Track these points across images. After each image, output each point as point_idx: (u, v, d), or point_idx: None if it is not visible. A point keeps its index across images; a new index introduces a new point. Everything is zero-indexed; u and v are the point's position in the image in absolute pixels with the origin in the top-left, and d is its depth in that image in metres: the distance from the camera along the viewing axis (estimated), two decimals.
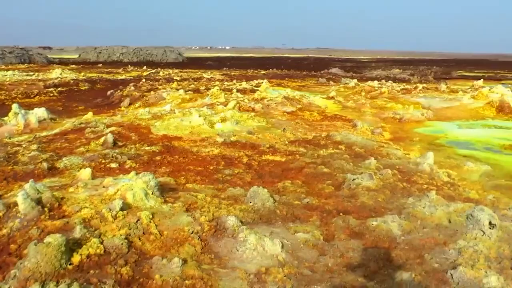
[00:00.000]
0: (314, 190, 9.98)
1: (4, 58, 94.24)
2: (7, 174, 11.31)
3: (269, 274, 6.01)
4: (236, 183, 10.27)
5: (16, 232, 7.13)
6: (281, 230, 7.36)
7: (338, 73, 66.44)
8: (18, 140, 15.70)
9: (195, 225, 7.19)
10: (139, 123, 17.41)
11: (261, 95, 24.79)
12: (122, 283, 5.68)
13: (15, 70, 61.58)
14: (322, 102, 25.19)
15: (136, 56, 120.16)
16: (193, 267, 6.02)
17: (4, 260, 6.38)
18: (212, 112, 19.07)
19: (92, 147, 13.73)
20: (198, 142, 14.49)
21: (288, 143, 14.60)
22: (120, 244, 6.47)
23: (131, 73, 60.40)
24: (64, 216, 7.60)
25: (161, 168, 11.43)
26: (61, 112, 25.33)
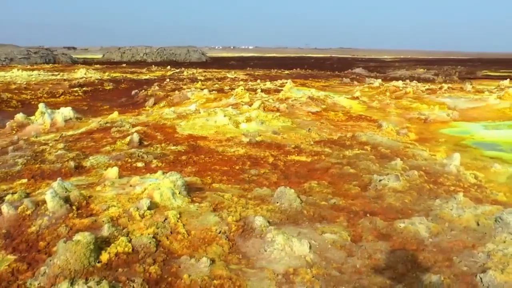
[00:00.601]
0: (341, 190, 9.92)
1: (29, 58, 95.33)
2: (35, 172, 11.43)
3: (297, 275, 5.99)
4: (262, 183, 10.25)
5: (44, 230, 7.20)
6: (309, 231, 7.33)
7: (362, 73, 66.19)
8: (44, 139, 15.86)
9: (223, 225, 7.19)
10: (164, 123, 17.49)
11: (286, 95, 24.76)
12: (151, 282, 5.69)
13: (41, 70, 62.21)
14: (347, 102, 25.06)
15: (160, 56, 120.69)
16: (221, 267, 6.02)
17: (34, 257, 6.46)
18: (237, 112, 19.09)
19: (118, 146, 13.82)
20: (224, 142, 14.51)
21: (313, 144, 14.54)
22: (148, 243, 6.50)
23: (155, 72, 60.66)
24: (92, 214, 7.66)
25: (187, 168, 11.46)
26: (86, 111, 25.56)
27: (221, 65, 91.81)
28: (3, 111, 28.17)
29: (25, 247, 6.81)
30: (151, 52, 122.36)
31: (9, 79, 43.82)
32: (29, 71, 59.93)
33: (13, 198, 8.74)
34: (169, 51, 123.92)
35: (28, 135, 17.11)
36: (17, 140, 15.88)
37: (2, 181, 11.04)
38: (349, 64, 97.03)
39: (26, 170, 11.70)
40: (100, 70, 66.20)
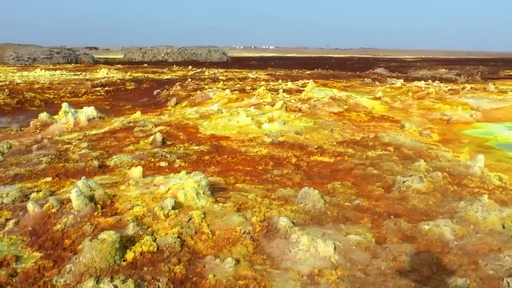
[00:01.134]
0: (364, 191, 9.87)
1: (52, 58, 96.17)
2: (59, 171, 11.52)
3: (322, 276, 5.96)
4: (286, 183, 10.23)
5: (70, 228, 7.27)
6: (333, 232, 7.30)
7: (383, 73, 65.84)
8: (68, 138, 15.99)
9: (247, 225, 7.19)
10: (187, 123, 17.54)
11: (307, 95, 24.72)
12: (176, 281, 5.71)
13: (63, 70, 62.73)
14: (369, 103, 24.96)
15: (181, 55, 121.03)
16: (246, 267, 6.02)
17: (59, 254, 6.51)
18: (259, 112, 19.09)
19: (141, 145, 13.88)
20: (246, 142, 14.52)
21: (336, 144, 14.49)
22: (173, 242, 6.52)
23: (177, 72, 60.82)
24: (117, 213, 7.71)
25: (210, 168, 11.48)
26: (109, 111, 25.73)
27: (242, 65, 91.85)
28: (26, 110, 28.45)
29: (51, 245, 6.88)
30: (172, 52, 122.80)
31: (33, 79, 44.23)
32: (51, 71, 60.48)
33: (38, 196, 8.84)
34: (190, 51, 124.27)
35: (52, 134, 17.26)
36: (41, 139, 16.01)
37: (27, 179, 11.15)
38: (370, 64, 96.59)
39: (51, 169, 11.80)
40: (121, 70, 66.56)
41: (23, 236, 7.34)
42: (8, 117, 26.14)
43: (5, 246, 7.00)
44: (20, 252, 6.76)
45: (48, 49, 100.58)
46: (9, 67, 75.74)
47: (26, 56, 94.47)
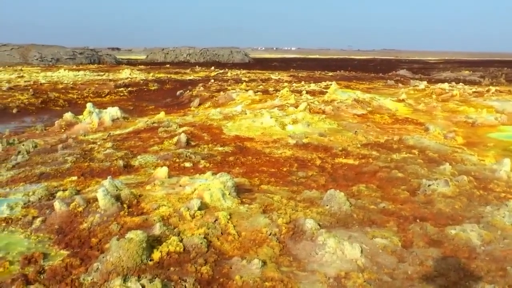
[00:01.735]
0: (389, 195, 9.80)
1: (75, 58, 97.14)
2: (84, 170, 11.61)
3: (348, 279, 5.93)
4: (311, 185, 10.20)
5: (96, 227, 7.31)
6: (359, 235, 7.26)
7: (406, 75, 65.43)
8: (92, 138, 16.11)
9: (273, 227, 7.18)
10: (211, 123, 17.58)
11: (331, 97, 24.66)
12: (202, 282, 5.71)
13: (86, 70, 63.37)
14: (392, 105, 24.80)
15: (203, 56, 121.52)
16: (273, 269, 6.01)
17: (86, 253, 6.56)
18: (283, 113, 19.08)
19: (166, 146, 13.94)
20: (270, 143, 14.51)
21: (360, 146, 14.43)
22: (199, 243, 6.52)
23: (199, 73, 61.05)
24: (143, 213, 7.75)
25: (234, 169, 11.48)
26: (132, 111, 25.91)
27: (264, 66, 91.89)
28: (50, 110, 28.77)
29: (78, 243, 6.93)
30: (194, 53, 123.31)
31: (56, 79, 44.68)
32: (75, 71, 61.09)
33: (64, 195, 8.92)
34: (212, 52, 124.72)
35: (77, 133, 17.40)
36: (66, 139, 16.16)
37: (52, 178, 11.25)
38: (393, 66, 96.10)
39: (76, 168, 11.89)
40: (144, 70, 66.97)
41: (50, 234, 7.40)
42: (32, 116, 26.48)
43: (32, 244, 7.07)
44: (47, 250, 6.82)
45: (71, 50, 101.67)
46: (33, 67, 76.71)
47: (50, 56, 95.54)
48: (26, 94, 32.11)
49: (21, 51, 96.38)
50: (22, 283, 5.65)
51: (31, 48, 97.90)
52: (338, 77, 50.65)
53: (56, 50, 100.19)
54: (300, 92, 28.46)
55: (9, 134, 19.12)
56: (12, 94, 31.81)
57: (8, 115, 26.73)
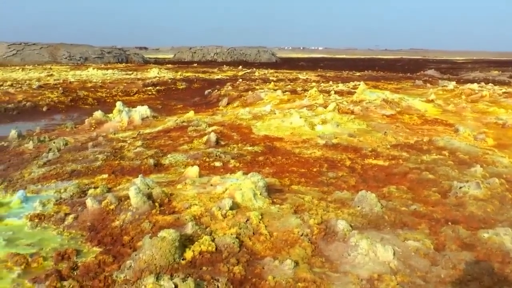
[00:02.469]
0: (420, 196, 9.71)
1: (103, 57, 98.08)
2: (115, 168, 11.72)
3: (381, 281, 5.89)
4: (341, 186, 10.16)
5: (128, 225, 7.38)
6: (391, 237, 7.20)
7: (435, 75, 64.72)
8: (122, 136, 16.24)
9: (304, 227, 7.16)
10: (240, 123, 17.61)
11: (359, 97, 24.51)
12: (235, 282, 5.71)
13: (114, 69, 63.99)
14: (421, 105, 24.54)
15: (230, 56, 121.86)
16: (305, 270, 5.99)
17: (118, 250, 6.62)
18: (312, 113, 19.03)
19: (195, 145, 14.00)
20: (300, 143, 14.47)
21: (390, 147, 14.32)
22: (231, 243, 6.53)
23: (227, 72, 61.21)
24: (174, 212, 7.79)
25: (264, 169, 11.47)
26: (161, 110, 26.03)
27: (292, 66, 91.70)
28: (80, 108, 29.05)
29: (110, 241, 6.99)
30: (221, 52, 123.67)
31: (85, 78, 45.16)
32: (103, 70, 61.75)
33: (96, 193, 9.02)
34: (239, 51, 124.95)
35: (106, 132, 17.56)
36: (96, 137, 16.30)
37: (83, 175, 11.37)
38: (421, 66, 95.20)
39: (106, 166, 12.01)
40: (172, 69, 67.36)
41: (82, 231, 7.48)
42: (62, 114, 26.76)
43: (65, 240, 7.16)
44: (80, 246, 6.90)
45: (99, 49, 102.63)
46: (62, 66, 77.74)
47: (78, 55, 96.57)
48: (56, 92, 32.45)
49: (50, 50, 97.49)
50: (56, 279, 5.71)
51: (60, 47, 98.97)
52: (365, 77, 50.36)
53: (84, 49, 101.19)
54: (328, 92, 28.36)
55: (39, 131, 19.37)
56: (42, 92, 32.17)
57: (38, 113, 27.05)
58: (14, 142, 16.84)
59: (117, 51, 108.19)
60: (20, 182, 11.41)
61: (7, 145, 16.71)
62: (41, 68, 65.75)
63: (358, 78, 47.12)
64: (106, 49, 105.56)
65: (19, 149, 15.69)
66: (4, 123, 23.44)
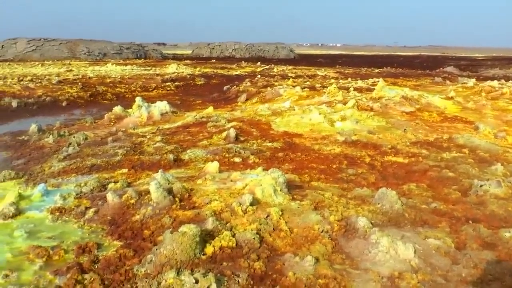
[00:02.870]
0: (440, 194, 9.63)
1: (121, 53, 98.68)
2: (134, 163, 11.78)
3: (402, 279, 5.85)
4: (361, 183, 10.12)
5: (148, 219, 7.41)
6: (411, 235, 7.16)
7: (454, 72, 64.28)
8: (142, 131, 16.31)
9: (325, 224, 7.14)
10: (259, 119, 17.62)
11: (379, 94, 24.39)
12: (255, 277, 5.71)
13: (133, 65, 64.36)
14: (441, 103, 24.36)
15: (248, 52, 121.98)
16: (326, 266, 5.98)
17: (139, 244, 6.65)
18: (331, 110, 18.99)
19: (215, 141, 14.03)
20: (319, 140, 14.45)
21: (409, 145, 14.24)
22: (252, 238, 6.54)
23: (245, 68, 61.28)
24: (195, 207, 7.81)
25: (284, 165, 11.47)
26: (179, 105, 26.09)
27: (310, 62, 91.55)
28: (99, 103, 29.21)
29: (130, 235, 7.03)
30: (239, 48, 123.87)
31: (104, 73, 45.43)
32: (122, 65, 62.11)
33: (116, 187, 9.08)
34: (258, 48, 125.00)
35: (126, 127, 17.64)
36: (116, 131, 16.40)
37: (103, 169, 11.45)
38: (439, 63, 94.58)
39: (126, 161, 12.08)
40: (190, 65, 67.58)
41: (103, 224, 7.54)
42: (81, 109, 26.94)
43: (86, 234, 7.22)
44: (100, 240, 6.95)
45: (118, 45, 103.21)
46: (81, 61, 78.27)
47: (97, 51, 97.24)
48: (75, 87, 32.67)
49: (70, 46, 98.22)
50: (77, 272, 5.76)
51: (79, 43, 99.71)
52: (384, 74, 50.14)
53: (103, 45, 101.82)
54: (347, 89, 28.28)
55: (59, 126, 19.52)
56: (62, 87, 32.39)
57: (58, 107, 27.24)
58: (34, 136, 16.98)
59: (136, 47, 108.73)
60: (41, 176, 11.51)
61: (28, 139, 16.87)
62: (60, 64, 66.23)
63: (377, 75, 46.95)
64: (125, 45, 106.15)
65: (39, 143, 15.83)
66: (25, 117, 23.65)
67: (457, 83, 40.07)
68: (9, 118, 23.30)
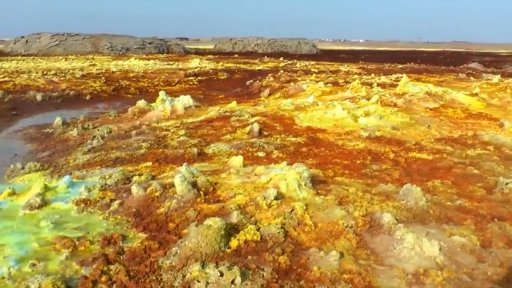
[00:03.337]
0: (465, 192, 9.54)
1: (144, 48, 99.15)
2: (158, 156, 11.86)
3: (427, 276, 5.81)
4: (385, 179, 10.06)
5: (173, 212, 7.46)
6: (436, 232, 7.10)
7: (478, 68, 63.61)
8: (165, 125, 16.40)
9: (349, 219, 7.12)
10: (282, 114, 17.62)
11: (402, 90, 24.22)
12: (280, 271, 5.71)
13: (156, 60, 64.73)
14: (465, 99, 24.12)
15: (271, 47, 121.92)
16: (350, 262, 5.96)
17: (164, 237, 6.70)
18: (354, 105, 18.93)
19: (238, 135, 14.07)
20: (343, 135, 14.42)
21: (434, 141, 14.12)
22: (276, 232, 6.54)
23: (268, 63, 61.26)
24: (219, 200, 7.84)
25: (307, 160, 11.46)
26: (202, 100, 26.18)
27: (332, 57, 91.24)
28: (122, 97, 29.43)
29: (155, 227, 7.09)
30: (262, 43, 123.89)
31: (127, 68, 45.74)
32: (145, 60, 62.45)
33: (141, 180, 9.15)
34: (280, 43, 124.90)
35: (150, 120, 17.74)
36: (140, 125, 16.50)
37: (127, 162, 11.54)
38: (463, 59, 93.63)
39: (150, 154, 12.16)
40: (213, 60, 67.73)
41: (128, 217, 7.61)
42: (105, 103, 27.19)
43: (111, 225, 7.30)
44: (125, 232, 7.02)
45: (140, 40, 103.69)
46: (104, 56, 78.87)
47: (120, 46, 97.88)
48: (99, 81, 32.96)
49: (93, 41, 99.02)
50: (103, 263, 5.81)
51: (102, 38, 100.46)
52: (407, 70, 49.84)
53: (126, 39, 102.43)
54: (370, 85, 28.15)
55: (83, 119, 19.68)
56: (85, 81, 32.71)
57: (81, 101, 27.51)
58: (58, 129, 17.17)
59: (158, 41, 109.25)
60: (65, 168, 11.64)
61: (52, 132, 17.06)
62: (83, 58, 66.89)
63: (400, 71, 46.67)
64: (147, 40, 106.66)
65: (63, 136, 16.00)
66: (49, 110, 23.93)
67: (482, 79, 39.64)
68: (33, 111, 23.60)
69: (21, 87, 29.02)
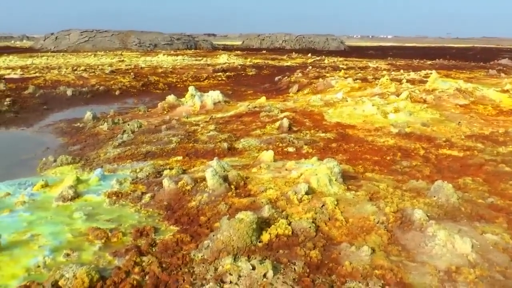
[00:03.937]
0: (497, 189, 9.43)
1: (172, 44, 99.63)
2: (189, 151, 11.96)
3: (459, 274, 5.77)
4: (415, 175, 10.00)
5: (204, 206, 7.53)
6: (468, 229, 7.05)
7: (509, 64, 62.72)
8: (195, 120, 16.50)
9: (380, 215, 7.11)
10: (311, 110, 17.61)
11: (432, 86, 24.00)
12: (312, 266, 5.73)
13: (184, 56, 65.16)
14: (496, 96, 23.79)
15: (298, 43, 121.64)
16: (382, 257, 5.95)
17: (195, 230, 6.77)
18: (384, 102, 18.84)
19: (268, 130, 14.10)
20: (372, 131, 14.38)
21: (464, 138, 13.99)
22: (308, 227, 6.56)
23: (296, 60, 61.19)
24: (250, 195, 7.89)
25: (337, 155, 11.43)
26: (231, 95, 26.26)
27: (360, 54, 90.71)
28: (151, 93, 29.64)
29: (187, 220, 7.17)
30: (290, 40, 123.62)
31: (156, 63, 46.10)
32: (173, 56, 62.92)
33: (171, 173, 9.24)
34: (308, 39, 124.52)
35: (179, 115, 17.85)
36: (169, 120, 16.62)
37: (158, 156, 11.65)
38: (494, 55, 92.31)
39: (181, 148, 12.27)
40: (241, 56, 67.88)
41: (159, 210, 7.72)
42: (134, 98, 27.43)
43: (142, 218, 7.41)
44: (157, 225, 7.13)
45: (168, 36, 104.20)
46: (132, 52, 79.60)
47: (148, 42, 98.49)
48: (128, 77, 33.25)
49: (121, 37, 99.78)
50: (135, 254, 5.90)
51: (130, 34, 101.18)
52: (437, 66, 49.35)
53: (154, 36, 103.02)
54: (399, 81, 27.98)
55: (113, 114, 19.88)
56: (114, 77, 33.06)
57: (111, 96, 27.79)
58: (89, 124, 17.38)
59: (186, 37, 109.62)
60: (96, 161, 11.80)
61: (83, 126, 17.28)
62: (112, 54, 67.62)
63: (429, 67, 46.20)
64: (175, 36, 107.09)
65: (94, 130, 16.20)
66: (79, 105, 24.24)
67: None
68: (64, 106, 23.94)
69: (51, 83, 29.48)
